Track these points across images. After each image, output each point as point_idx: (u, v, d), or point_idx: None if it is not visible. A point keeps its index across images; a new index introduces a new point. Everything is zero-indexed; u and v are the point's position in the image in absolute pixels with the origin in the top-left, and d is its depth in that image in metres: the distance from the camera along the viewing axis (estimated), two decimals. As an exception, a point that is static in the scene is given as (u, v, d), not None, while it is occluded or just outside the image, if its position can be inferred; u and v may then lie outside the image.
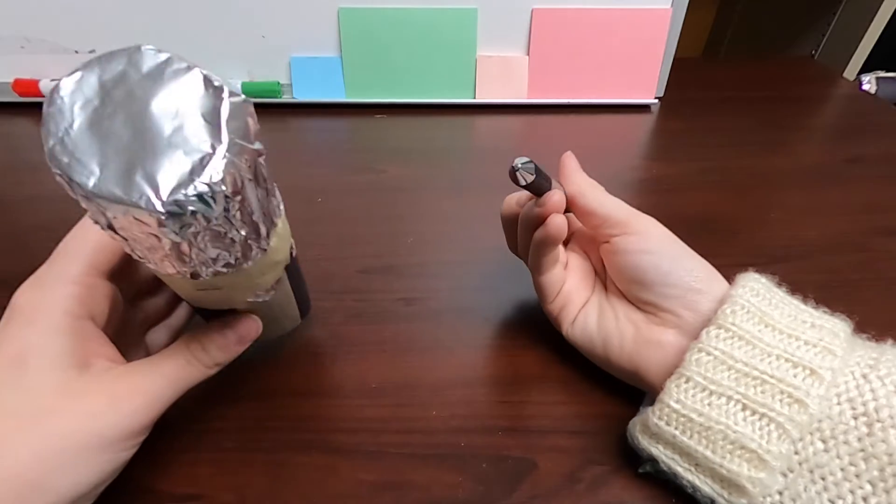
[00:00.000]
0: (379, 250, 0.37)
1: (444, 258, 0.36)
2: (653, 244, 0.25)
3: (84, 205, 0.16)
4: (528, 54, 0.56)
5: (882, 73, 0.85)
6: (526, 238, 0.27)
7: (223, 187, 0.16)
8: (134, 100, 0.16)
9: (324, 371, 0.25)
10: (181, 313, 0.27)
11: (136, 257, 0.18)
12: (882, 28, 0.72)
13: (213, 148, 0.15)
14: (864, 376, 0.20)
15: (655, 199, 0.44)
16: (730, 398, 0.21)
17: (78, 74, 0.16)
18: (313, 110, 0.57)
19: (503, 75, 0.56)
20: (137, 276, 0.24)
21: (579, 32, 0.55)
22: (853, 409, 0.20)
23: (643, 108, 0.59)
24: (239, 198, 0.16)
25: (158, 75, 0.16)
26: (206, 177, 0.15)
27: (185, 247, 0.16)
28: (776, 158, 0.50)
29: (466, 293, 0.34)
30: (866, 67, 0.76)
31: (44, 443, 0.18)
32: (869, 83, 0.85)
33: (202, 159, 0.15)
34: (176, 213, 0.15)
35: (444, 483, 0.24)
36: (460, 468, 0.24)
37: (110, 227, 0.16)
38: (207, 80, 0.16)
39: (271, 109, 0.56)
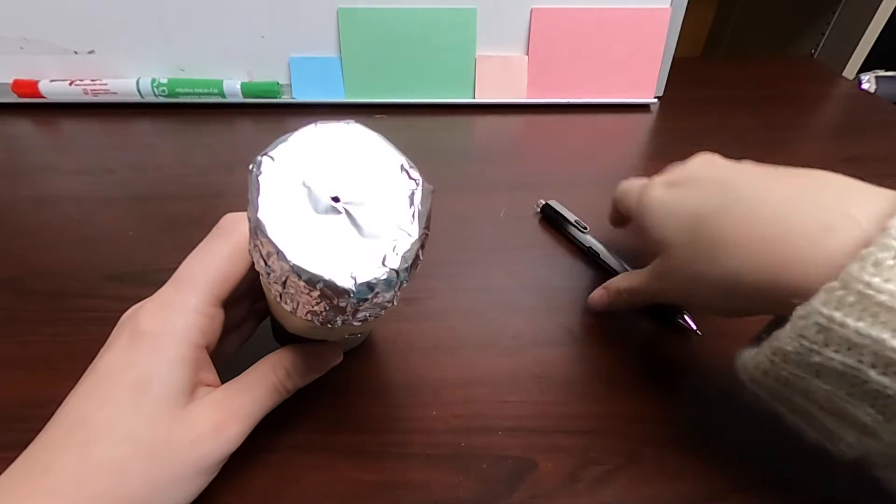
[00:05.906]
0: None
1: (444, 258, 0.36)
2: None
3: (262, 256, 0.16)
4: (527, 54, 0.56)
5: (881, 73, 0.85)
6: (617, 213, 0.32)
7: (406, 272, 0.17)
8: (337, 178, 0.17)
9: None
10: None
11: (272, 295, 0.18)
12: (881, 27, 0.72)
13: (409, 236, 0.17)
14: None
15: (655, 198, 0.44)
16: None
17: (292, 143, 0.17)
18: (313, 111, 0.57)
19: (503, 75, 0.56)
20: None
21: (578, 32, 0.55)
22: None
23: (643, 108, 0.59)
24: (409, 276, 0.17)
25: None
26: (395, 262, 0.16)
27: (348, 309, 0.17)
28: (776, 158, 0.49)
29: (466, 293, 0.34)
30: (866, 66, 0.76)
31: (158, 471, 0.19)
32: (868, 82, 0.85)
33: (394, 247, 0.16)
34: (363, 294, 0.16)
35: (444, 483, 0.24)
36: (460, 468, 0.24)
37: (271, 274, 0.17)
38: (403, 167, 0.18)
39: (270, 110, 0.56)
